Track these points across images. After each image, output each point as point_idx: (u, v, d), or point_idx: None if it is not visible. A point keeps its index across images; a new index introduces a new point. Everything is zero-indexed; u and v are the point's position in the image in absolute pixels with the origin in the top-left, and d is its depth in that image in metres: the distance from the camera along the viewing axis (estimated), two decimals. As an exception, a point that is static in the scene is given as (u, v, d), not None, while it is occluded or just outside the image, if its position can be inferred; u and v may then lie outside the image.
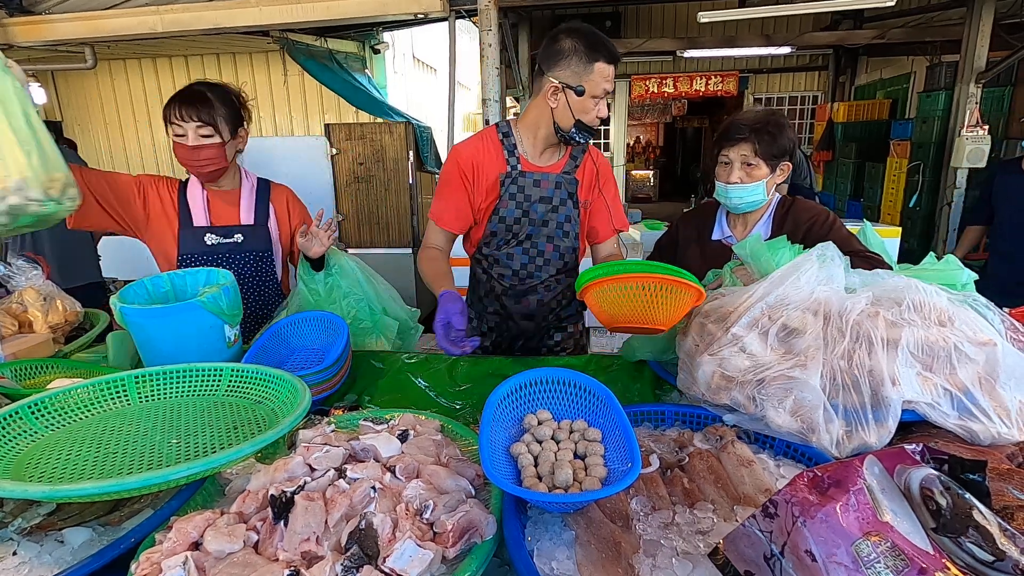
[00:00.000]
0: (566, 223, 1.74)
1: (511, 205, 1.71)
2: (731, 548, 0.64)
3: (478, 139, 1.74)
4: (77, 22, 4.48)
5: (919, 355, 1.01)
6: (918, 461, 0.66)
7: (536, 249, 1.76)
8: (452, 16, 4.16)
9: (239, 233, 1.88)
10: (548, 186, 1.70)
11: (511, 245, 1.76)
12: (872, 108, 7.78)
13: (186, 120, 1.72)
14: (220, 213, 1.90)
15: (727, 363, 1.07)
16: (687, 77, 9.43)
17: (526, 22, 7.37)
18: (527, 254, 1.77)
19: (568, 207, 1.73)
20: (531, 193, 1.70)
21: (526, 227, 1.73)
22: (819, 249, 1.15)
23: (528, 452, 0.93)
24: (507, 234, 1.74)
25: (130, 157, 9.18)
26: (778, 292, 1.10)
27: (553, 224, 1.74)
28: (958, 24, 5.54)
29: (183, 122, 1.72)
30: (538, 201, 1.71)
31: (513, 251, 1.77)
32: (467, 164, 1.70)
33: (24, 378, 1.46)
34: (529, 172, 1.69)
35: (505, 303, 1.83)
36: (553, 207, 1.72)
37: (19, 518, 0.88)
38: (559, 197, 1.72)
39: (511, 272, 1.79)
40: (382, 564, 0.71)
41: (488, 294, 1.86)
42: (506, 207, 1.71)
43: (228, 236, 1.87)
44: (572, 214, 1.74)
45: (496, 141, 1.71)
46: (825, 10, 4.86)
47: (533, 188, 1.70)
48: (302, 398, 1.00)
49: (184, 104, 1.72)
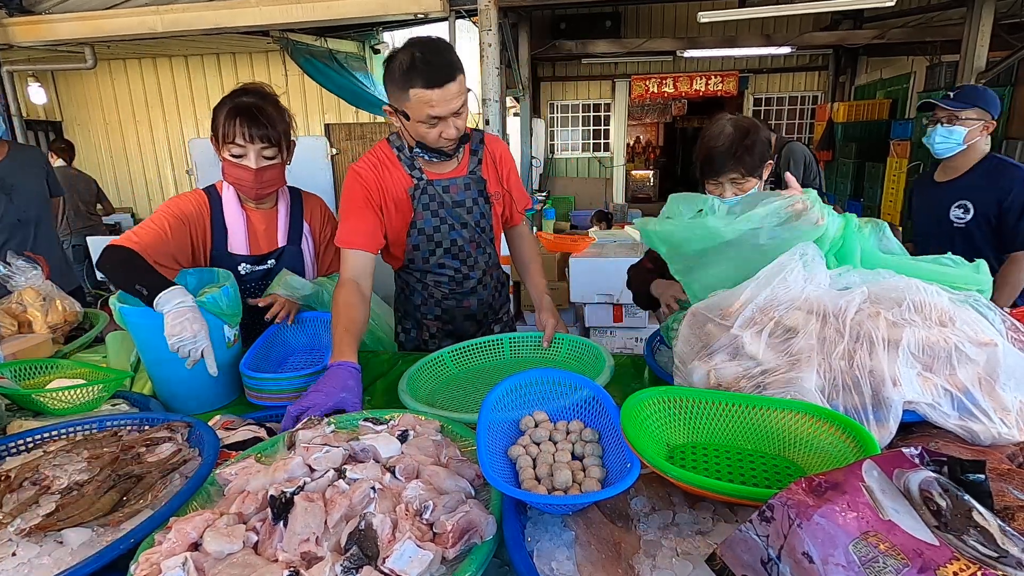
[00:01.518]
0: (482, 220, 1.77)
1: (427, 216, 1.70)
2: (728, 553, 0.64)
3: (375, 158, 1.68)
4: (77, 22, 4.48)
5: (920, 355, 1.01)
6: (916, 464, 0.66)
7: (464, 252, 1.79)
8: (452, 16, 4.17)
9: (272, 259, 1.73)
10: (458, 190, 1.71)
11: (438, 255, 1.77)
12: (872, 108, 7.78)
13: (251, 141, 1.53)
14: (259, 238, 1.72)
15: (720, 372, 1.06)
16: (687, 77, 9.44)
17: (526, 22, 7.37)
18: (457, 258, 1.79)
19: (481, 204, 1.75)
20: (444, 199, 1.69)
21: (447, 234, 1.74)
22: (800, 248, 1.15)
23: (526, 454, 0.93)
24: (430, 244, 1.74)
25: (130, 157, 9.19)
26: (766, 293, 1.10)
27: (472, 224, 1.76)
28: (958, 24, 5.54)
29: (247, 142, 1.53)
30: (452, 206, 1.71)
31: (443, 260, 1.78)
32: (371, 183, 1.63)
33: (24, 378, 1.46)
34: (436, 180, 1.68)
35: (446, 308, 1.86)
36: (468, 209, 1.73)
37: (18, 518, 0.88)
38: (471, 198, 1.73)
39: (447, 279, 1.81)
40: (382, 565, 0.71)
41: (426, 302, 1.86)
42: (422, 219, 1.70)
43: (261, 264, 1.72)
44: (485, 210, 1.77)
45: (393, 158, 1.67)
46: (825, 10, 4.87)
47: (444, 195, 1.69)
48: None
49: (248, 121, 1.52)
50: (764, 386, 1.02)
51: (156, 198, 9.31)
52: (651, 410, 0.96)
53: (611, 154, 10.43)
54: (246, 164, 1.55)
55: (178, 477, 0.98)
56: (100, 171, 8.48)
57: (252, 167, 1.55)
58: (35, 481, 0.97)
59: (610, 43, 7.86)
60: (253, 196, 1.65)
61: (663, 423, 0.97)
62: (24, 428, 1.21)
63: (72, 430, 1.15)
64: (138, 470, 0.97)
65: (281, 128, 1.58)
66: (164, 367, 1.46)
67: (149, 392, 1.52)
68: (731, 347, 1.09)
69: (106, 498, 0.91)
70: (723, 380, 1.07)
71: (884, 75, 8.14)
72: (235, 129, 1.52)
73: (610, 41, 7.91)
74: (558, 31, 8.17)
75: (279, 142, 1.58)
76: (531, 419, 1.00)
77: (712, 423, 0.98)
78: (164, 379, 1.48)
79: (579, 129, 10.40)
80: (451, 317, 1.88)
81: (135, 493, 0.93)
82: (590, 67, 9.88)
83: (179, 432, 1.08)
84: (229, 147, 1.54)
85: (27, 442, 1.11)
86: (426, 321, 1.90)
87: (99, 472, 0.97)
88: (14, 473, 0.99)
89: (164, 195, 9.29)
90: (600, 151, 10.50)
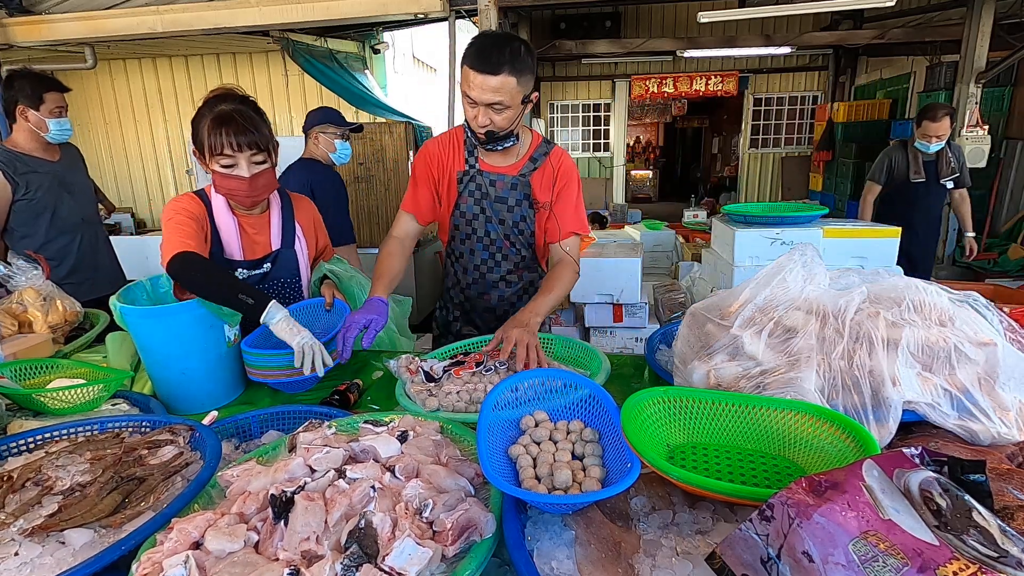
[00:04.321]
0: (521, 222, 1.81)
1: (470, 202, 1.79)
2: (728, 552, 0.64)
3: (446, 136, 1.80)
4: (77, 22, 4.48)
5: (919, 355, 1.01)
6: (917, 464, 0.66)
7: (495, 246, 1.84)
8: (452, 16, 4.17)
9: (267, 262, 1.72)
10: (503, 187, 1.76)
11: (472, 240, 1.84)
12: (872, 108, 7.79)
13: (240, 149, 1.48)
14: (253, 243, 1.70)
15: (719, 372, 1.07)
16: (687, 77, 9.43)
17: (526, 22, 7.37)
18: (487, 250, 1.85)
19: (524, 207, 1.79)
20: (488, 191, 1.77)
21: (484, 224, 1.81)
22: (800, 249, 1.15)
23: (527, 453, 0.93)
24: (467, 228, 1.83)
25: (130, 157, 9.18)
26: (766, 293, 1.10)
27: (510, 223, 1.80)
28: (958, 24, 5.54)
29: (235, 152, 1.48)
30: (494, 200, 1.78)
31: (475, 247, 1.85)
32: (433, 160, 1.78)
33: (24, 378, 1.47)
34: (486, 172, 1.76)
35: (468, 296, 1.92)
36: (509, 207, 1.79)
37: (21, 519, 0.89)
38: (515, 198, 1.78)
39: (472, 267, 1.88)
40: (381, 563, 0.71)
41: (455, 286, 1.96)
42: (465, 203, 1.79)
43: (257, 268, 1.70)
44: (528, 214, 1.80)
45: (460, 140, 1.78)
46: (825, 10, 4.87)
47: (490, 187, 1.76)
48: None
49: (233, 130, 1.47)
50: (764, 386, 1.02)
51: (156, 198, 9.30)
52: (651, 410, 0.97)
53: (611, 154, 10.43)
54: (238, 174, 1.50)
55: (180, 480, 0.98)
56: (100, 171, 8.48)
57: (245, 176, 1.51)
58: (38, 482, 0.97)
59: (610, 43, 7.85)
60: (248, 205, 1.62)
61: (663, 423, 0.97)
62: (24, 428, 1.21)
63: (74, 431, 1.15)
64: (140, 472, 0.97)
65: (266, 130, 1.54)
66: (164, 367, 1.46)
67: (149, 392, 1.52)
68: (731, 347, 1.09)
69: (108, 499, 0.91)
70: (723, 380, 1.07)
71: (884, 75, 8.14)
72: (221, 139, 1.46)
73: (610, 41, 7.90)
74: (558, 31, 8.17)
75: (267, 146, 1.53)
76: (531, 419, 1.01)
77: (712, 423, 0.98)
78: (164, 379, 1.48)
79: (579, 129, 10.40)
80: (472, 306, 1.94)
81: (137, 495, 0.94)
82: (590, 67, 9.88)
83: (181, 435, 1.08)
84: (218, 159, 1.48)
85: (28, 442, 1.12)
86: (452, 304, 1.99)
87: (101, 474, 0.97)
88: (17, 474, 0.99)
89: (164, 195, 9.28)
90: (600, 151, 10.50)
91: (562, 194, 1.79)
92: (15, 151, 2.47)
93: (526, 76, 1.55)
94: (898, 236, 3.01)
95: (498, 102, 1.53)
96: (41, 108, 2.44)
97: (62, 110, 2.52)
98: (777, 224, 3.00)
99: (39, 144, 2.52)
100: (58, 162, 2.60)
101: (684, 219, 7.10)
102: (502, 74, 1.49)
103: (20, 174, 2.45)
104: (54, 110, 2.48)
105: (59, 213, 2.57)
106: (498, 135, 1.61)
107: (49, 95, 2.46)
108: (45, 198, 2.53)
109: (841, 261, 2.99)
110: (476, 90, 1.52)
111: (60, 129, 2.52)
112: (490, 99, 1.52)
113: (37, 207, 2.51)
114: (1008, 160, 5.91)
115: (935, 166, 3.76)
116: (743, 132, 9.98)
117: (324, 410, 1.29)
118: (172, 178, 9.20)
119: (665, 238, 4.87)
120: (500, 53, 1.49)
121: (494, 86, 1.50)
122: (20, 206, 2.48)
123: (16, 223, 2.50)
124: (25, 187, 2.46)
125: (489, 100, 1.52)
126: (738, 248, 2.98)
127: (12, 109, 2.45)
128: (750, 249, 2.98)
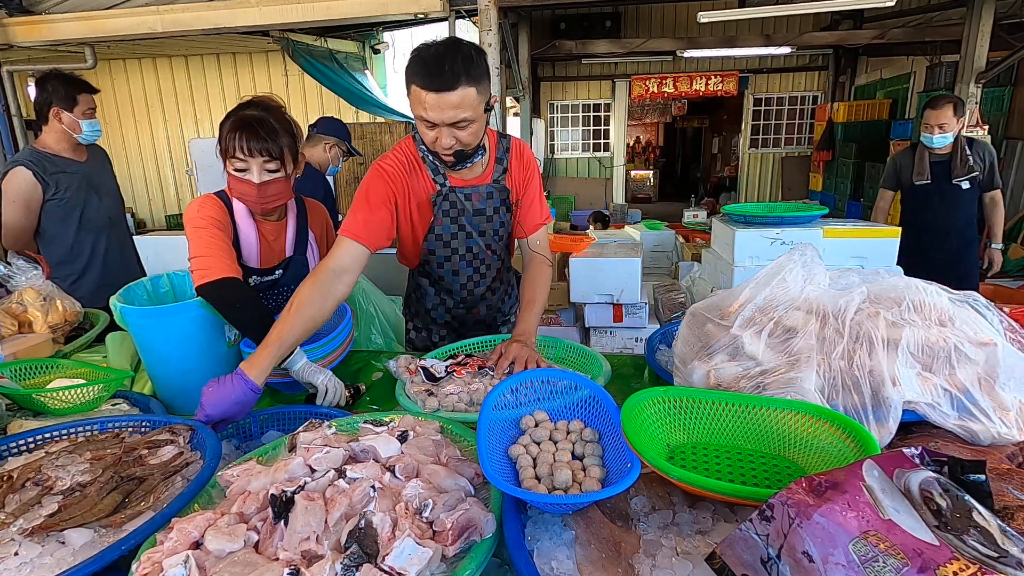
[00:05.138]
0: (501, 228, 1.73)
1: (446, 222, 1.66)
2: (728, 552, 0.64)
3: (403, 157, 1.61)
4: (77, 22, 4.49)
5: (919, 355, 1.01)
6: (917, 464, 0.66)
7: (478, 259, 1.76)
8: (452, 16, 4.17)
9: (279, 269, 1.72)
10: (479, 199, 1.65)
11: (454, 261, 1.73)
12: (872, 108, 7.79)
13: (252, 155, 1.50)
14: (270, 251, 1.70)
15: (719, 372, 1.07)
16: (687, 77, 9.45)
17: (526, 22, 7.37)
18: (471, 265, 1.76)
19: (502, 213, 1.70)
20: (464, 207, 1.65)
21: (464, 241, 1.70)
22: (800, 249, 1.15)
23: (527, 453, 0.93)
24: (446, 250, 1.71)
25: (130, 157, 9.18)
26: (766, 293, 1.10)
27: (490, 232, 1.71)
28: (958, 24, 5.55)
29: (248, 156, 1.50)
30: (472, 214, 1.66)
31: (458, 266, 1.75)
32: (399, 185, 1.58)
33: (24, 378, 1.47)
34: (459, 188, 1.62)
35: (457, 315, 1.86)
36: (488, 217, 1.68)
37: (21, 518, 0.89)
38: (492, 207, 1.68)
39: (459, 286, 1.78)
40: (381, 562, 0.71)
41: (437, 307, 1.85)
42: (441, 225, 1.66)
43: (269, 275, 1.71)
44: (506, 219, 1.72)
45: (419, 159, 1.61)
46: (825, 10, 4.87)
47: (465, 203, 1.64)
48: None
49: (249, 135, 1.49)
50: (764, 386, 1.02)
51: (156, 198, 9.31)
52: (651, 410, 0.96)
53: (611, 154, 10.44)
54: (249, 178, 1.52)
55: (180, 480, 0.98)
56: (100, 171, 8.50)
57: (255, 181, 1.52)
58: (38, 482, 0.97)
59: (610, 43, 7.86)
60: (259, 210, 1.62)
61: (663, 423, 0.97)
62: (24, 428, 1.21)
63: (74, 431, 1.15)
64: (140, 472, 0.97)
65: (285, 141, 1.54)
66: (164, 367, 1.46)
67: (149, 392, 1.52)
68: (731, 347, 1.09)
69: (108, 499, 0.91)
70: (723, 380, 1.07)
71: (884, 75, 8.14)
72: (236, 143, 1.49)
73: (610, 41, 7.91)
74: (558, 31, 8.18)
75: (281, 155, 1.53)
76: (531, 419, 1.01)
77: (712, 423, 0.98)
78: (164, 379, 1.48)
79: (579, 129, 10.41)
80: (461, 323, 1.87)
81: (137, 495, 0.94)
82: (590, 67, 9.89)
83: (181, 435, 1.08)
84: (232, 161, 1.52)
85: (28, 442, 1.12)
86: (436, 325, 1.90)
87: (101, 473, 0.97)
88: (17, 473, 0.99)
89: (164, 195, 9.29)
90: (600, 151, 10.51)
91: (528, 187, 1.72)
92: (44, 151, 2.48)
93: (484, 82, 1.38)
94: (898, 236, 3.01)
95: (462, 120, 1.37)
96: (75, 110, 2.45)
97: (93, 111, 2.53)
98: (777, 224, 3.00)
99: (68, 145, 2.53)
100: (86, 162, 2.60)
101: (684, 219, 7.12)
102: (459, 87, 1.32)
103: (50, 174, 2.45)
104: (87, 111, 2.49)
105: (87, 214, 2.58)
106: (467, 153, 1.47)
107: (82, 96, 2.47)
108: (74, 198, 2.53)
109: (841, 261, 2.99)
110: (434, 111, 1.35)
111: (92, 130, 2.52)
112: (452, 117, 1.36)
113: (66, 207, 2.51)
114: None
115: (946, 166, 3.43)
116: (743, 132, 10.00)
117: (324, 410, 1.29)
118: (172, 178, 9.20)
119: (665, 238, 4.87)
120: (452, 64, 1.31)
121: (454, 103, 1.34)
122: (50, 207, 2.48)
123: (46, 223, 2.50)
124: (55, 187, 2.46)
125: (451, 119, 1.36)
126: (738, 248, 2.98)
127: (45, 111, 2.45)
128: (750, 249, 2.98)
